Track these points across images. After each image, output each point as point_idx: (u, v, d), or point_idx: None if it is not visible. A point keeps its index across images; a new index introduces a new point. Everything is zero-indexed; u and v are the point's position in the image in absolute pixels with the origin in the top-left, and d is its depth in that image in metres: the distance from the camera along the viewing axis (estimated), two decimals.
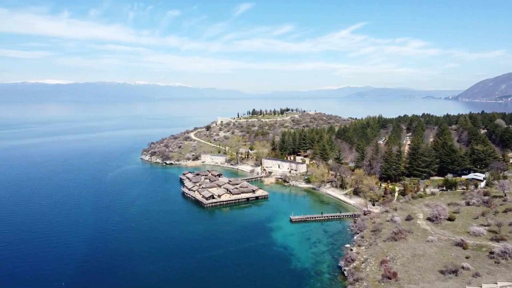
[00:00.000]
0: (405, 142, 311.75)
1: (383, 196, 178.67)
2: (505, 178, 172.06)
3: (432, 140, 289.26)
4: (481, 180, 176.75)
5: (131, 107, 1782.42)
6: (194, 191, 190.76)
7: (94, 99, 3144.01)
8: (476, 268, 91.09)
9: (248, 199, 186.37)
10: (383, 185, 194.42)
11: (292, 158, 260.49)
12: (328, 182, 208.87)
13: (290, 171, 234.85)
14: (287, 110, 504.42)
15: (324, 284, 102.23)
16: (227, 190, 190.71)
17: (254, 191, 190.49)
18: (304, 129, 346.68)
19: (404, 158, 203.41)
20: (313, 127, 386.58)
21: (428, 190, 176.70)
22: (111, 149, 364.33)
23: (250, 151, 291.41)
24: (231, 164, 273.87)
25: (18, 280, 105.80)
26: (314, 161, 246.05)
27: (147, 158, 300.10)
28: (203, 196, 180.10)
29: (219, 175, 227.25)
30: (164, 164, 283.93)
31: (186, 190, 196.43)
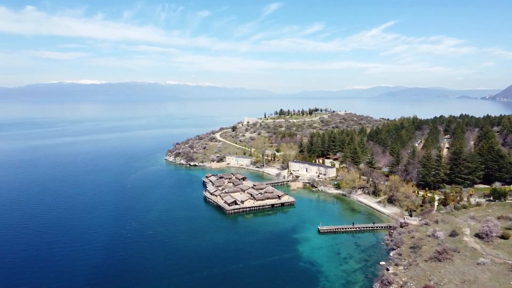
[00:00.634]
0: (442, 145, 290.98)
1: (421, 206, 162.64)
2: None
3: (473, 144, 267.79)
4: None
5: (161, 106, 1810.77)
6: (216, 195, 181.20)
7: (126, 98, 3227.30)
8: None
9: (273, 205, 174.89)
10: (421, 192, 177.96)
11: (320, 161, 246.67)
12: (360, 188, 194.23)
13: (319, 176, 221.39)
14: (316, 110, 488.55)
15: None
16: (251, 195, 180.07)
17: (279, 197, 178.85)
18: (333, 130, 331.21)
19: (445, 164, 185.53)
20: (343, 128, 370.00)
21: (472, 200, 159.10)
22: (136, 149, 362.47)
23: (276, 153, 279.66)
24: (257, 167, 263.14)
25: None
26: (344, 165, 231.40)
27: (171, 159, 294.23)
28: (225, 202, 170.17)
29: (243, 179, 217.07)
30: (188, 165, 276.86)
31: (208, 195, 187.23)
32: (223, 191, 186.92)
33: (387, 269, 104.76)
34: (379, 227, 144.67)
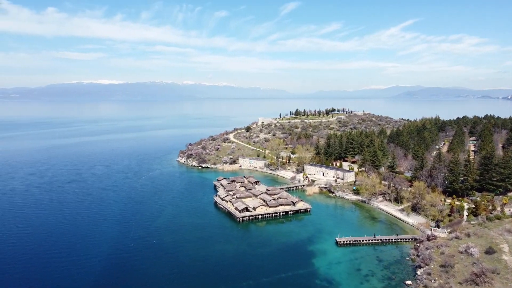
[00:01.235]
0: (468, 147, 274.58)
1: (449, 215, 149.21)
2: None
3: (501, 147, 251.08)
4: None
5: (177, 106, 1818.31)
6: (227, 201, 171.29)
7: (144, 98, 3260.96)
8: None
9: (287, 212, 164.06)
10: (448, 200, 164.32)
11: (338, 165, 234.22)
12: (380, 195, 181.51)
13: (336, 180, 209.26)
14: (333, 110, 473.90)
15: None
16: (264, 201, 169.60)
17: (294, 204, 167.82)
18: (351, 131, 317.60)
19: (474, 169, 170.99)
20: (361, 129, 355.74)
21: (507, 210, 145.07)
22: (149, 149, 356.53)
23: (291, 155, 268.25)
24: (271, 170, 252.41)
25: None
26: (363, 168, 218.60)
27: (183, 160, 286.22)
28: (236, 208, 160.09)
29: (256, 183, 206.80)
30: (200, 167, 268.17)
31: (219, 200, 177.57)
32: (235, 196, 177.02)
33: None
34: (403, 239, 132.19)
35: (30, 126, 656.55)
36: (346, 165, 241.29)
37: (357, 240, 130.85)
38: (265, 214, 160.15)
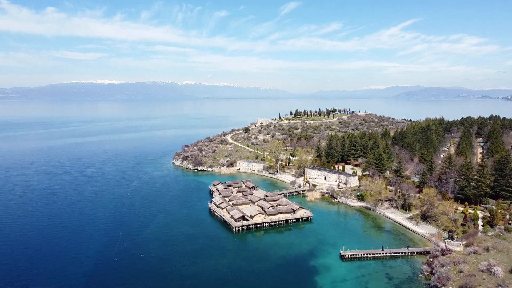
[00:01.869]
0: (476, 150, 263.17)
1: (463, 225, 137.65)
2: None
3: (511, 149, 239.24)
4: None
5: (177, 106, 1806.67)
6: (223, 208, 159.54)
7: (143, 98, 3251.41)
8: None
9: (287, 221, 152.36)
10: (460, 208, 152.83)
11: (340, 168, 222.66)
12: (386, 201, 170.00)
13: (339, 185, 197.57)
14: (334, 110, 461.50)
15: None
16: (262, 208, 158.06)
17: (294, 211, 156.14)
18: (353, 132, 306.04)
19: (488, 174, 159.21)
20: (364, 130, 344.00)
21: None
22: (144, 151, 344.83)
23: (291, 158, 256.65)
24: (270, 173, 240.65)
25: None
26: (367, 172, 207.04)
27: (179, 163, 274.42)
28: (232, 217, 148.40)
29: (254, 187, 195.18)
30: (195, 170, 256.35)
31: (214, 207, 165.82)
32: (231, 203, 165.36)
33: None
34: (414, 253, 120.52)
35: (25, 127, 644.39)
36: (348, 168, 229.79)
37: (363, 254, 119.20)
38: (263, 223, 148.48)
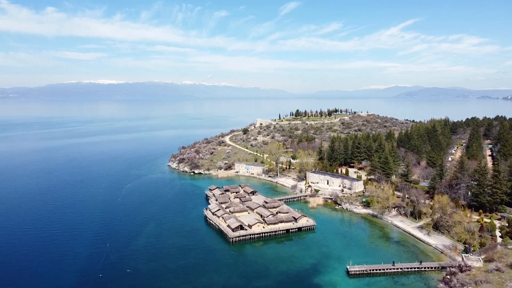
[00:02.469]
0: (485, 152, 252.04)
1: (479, 235, 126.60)
2: None
3: None
4: None
5: (176, 106, 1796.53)
6: (219, 216, 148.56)
7: (143, 98, 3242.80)
8: None
9: (288, 230, 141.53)
10: (474, 216, 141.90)
11: (343, 171, 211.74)
12: (394, 208, 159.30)
13: (343, 190, 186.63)
14: (336, 111, 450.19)
15: None
16: (261, 216, 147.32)
17: (296, 219, 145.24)
18: (356, 134, 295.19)
19: (505, 180, 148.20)
20: (366, 131, 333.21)
21: None
22: (140, 152, 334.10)
23: (292, 161, 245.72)
24: (269, 176, 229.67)
25: None
26: (372, 177, 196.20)
27: (175, 165, 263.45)
28: (229, 226, 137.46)
29: (253, 193, 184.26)
30: (192, 173, 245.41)
31: (210, 214, 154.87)
32: (227, 210, 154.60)
33: None
34: (428, 268, 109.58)
35: (22, 127, 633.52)
36: (352, 171, 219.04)
37: (372, 270, 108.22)
38: (262, 233, 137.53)
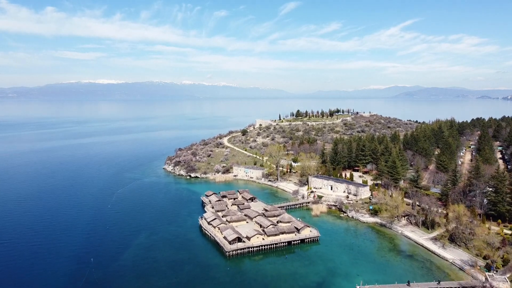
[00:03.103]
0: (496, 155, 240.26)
1: (498, 248, 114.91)
2: None
3: None
4: None
5: (175, 106, 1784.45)
6: (215, 226, 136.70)
7: (142, 98, 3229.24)
8: None
9: (290, 242, 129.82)
10: (493, 227, 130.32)
11: (348, 176, 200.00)
12: (404, 216, 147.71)
13: (348, 196, 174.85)
14: (337, 111, 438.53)
15: None
16: (260, 226, 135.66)
17: (298, 230, 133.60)
18: (360, 135, 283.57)
19: None
20: (370, 132, 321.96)
21: None
22: (135, 154, 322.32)
23: (293, 164, 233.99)
24: (269, 181, 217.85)
25: None
26: (379, 182, 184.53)
27: (170, 168, 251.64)
28: (226, 238, 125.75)
29: (252, 199, 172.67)
30: (188, 177, 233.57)
31: (205, 224, 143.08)
32: (224, 219, 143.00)
33: None
34: None
35: (14, 128, 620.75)
36: (357, 175, 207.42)
37: None
38: (261, 246, 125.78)
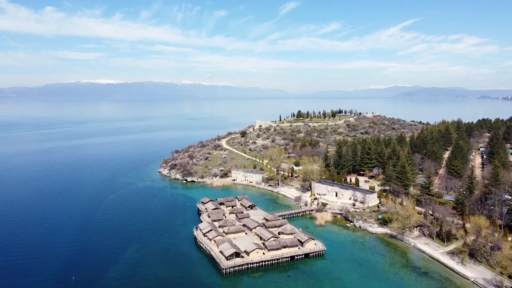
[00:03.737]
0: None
1: None
2: None
3: None
4: None
5: (175, 106, 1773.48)
6: (210, 239, 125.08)
7: (142, 98, 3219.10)
8: None
9: (293, 257, 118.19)
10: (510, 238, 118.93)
11: (353, 180, 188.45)
12: (416, 227, 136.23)
13: (354, 204, 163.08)
14: (340, 112, 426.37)
15: None
16: (260, 239, 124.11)
17: (302, 243, 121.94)
18: (364, 137, 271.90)
19: None
20: (374, 133, 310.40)
21: None
22: (130, 156, 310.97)
23: (295, 168, 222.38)
24: (270, 185, 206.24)
25: None
26: (387, 188, 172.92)
27: (166, 172, 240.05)
28: (222, 252, 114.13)
29: (251, 207, 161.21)
30: (184, 181, 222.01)
31: (200, 235, 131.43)
32: (221, 231, 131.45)
33: None
34: None
35: (10, 128, 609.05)
36: (362, 180, 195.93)
37: None
38: (262, 262, 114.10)
